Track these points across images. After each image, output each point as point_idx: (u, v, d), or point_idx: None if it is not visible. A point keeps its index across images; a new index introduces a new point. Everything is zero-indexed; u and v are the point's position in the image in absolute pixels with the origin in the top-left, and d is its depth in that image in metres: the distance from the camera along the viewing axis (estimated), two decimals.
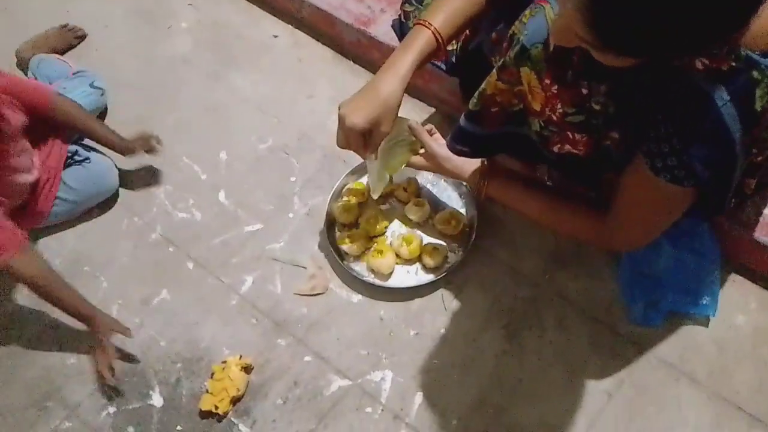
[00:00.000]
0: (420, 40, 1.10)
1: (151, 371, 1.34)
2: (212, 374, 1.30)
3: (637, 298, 1.29)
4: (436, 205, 1.47)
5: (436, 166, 1.29)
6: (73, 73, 1.63)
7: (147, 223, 1.52)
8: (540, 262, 1.40)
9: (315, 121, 1.64)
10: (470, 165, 1.26)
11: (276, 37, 1.80)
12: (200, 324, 1.38)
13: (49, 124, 1.44)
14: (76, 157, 1.50)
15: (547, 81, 0.98)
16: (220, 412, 1.26)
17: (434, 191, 1.49)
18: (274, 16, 1.84)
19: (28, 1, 1.96)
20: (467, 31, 1.25)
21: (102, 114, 1.68)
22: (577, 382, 1.27)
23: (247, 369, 1.30)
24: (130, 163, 1.58)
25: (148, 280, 1.44)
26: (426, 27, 1.10)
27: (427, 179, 1.51)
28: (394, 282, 1.39)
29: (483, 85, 1.07)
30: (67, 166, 1.49)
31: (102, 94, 1.62)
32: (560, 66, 0.97)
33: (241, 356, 1.31)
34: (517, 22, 1.02)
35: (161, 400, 1.31)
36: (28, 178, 1.38)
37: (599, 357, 1.29)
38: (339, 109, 1.12)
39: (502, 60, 1.02)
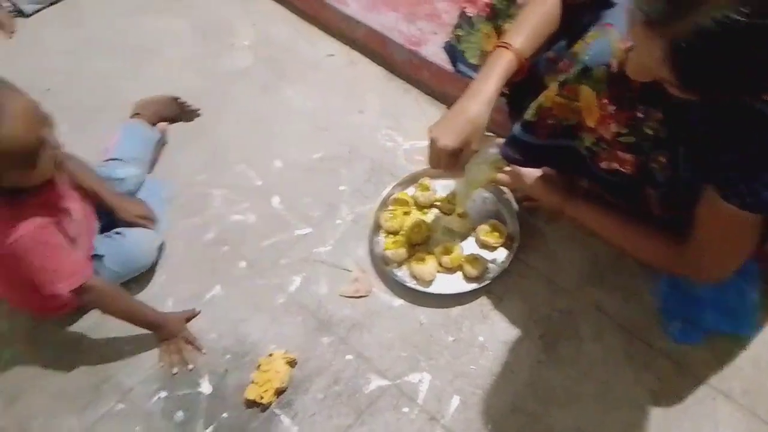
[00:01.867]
0: (503, 62, 1.15)
1: (201, 361, 1.41)
2: (258, 366, 1.36)
3: (675, 314, 1.31)
4: (479, 217, 1.52)
5: (518, 182, 1.34)
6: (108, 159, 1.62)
7: (203, 223, 1.61)
8: (579, 276, 1.43)
9: (365, 135, 1.72)
10: (551, 184, 1.30)
11: (331, 55, 1.91)
12: (249, 320, 1.46)
13: None
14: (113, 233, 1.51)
15: (605, 101, 1.03)
16: (264, 402, 1.32)
17: (477, 203, 1.55)
18: (330, 35, 1.95)
19: (101, 17, 2.12)
20: None
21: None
22: (611, 394, 1.29)
23: (291, 363, 1.36)
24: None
25: (202, 277, 1.53)
26: (508, 49, 1.15)
27: (473, 193, 1.56)
28: (435, 288, 1.44)
29: (540, 98, 1.12)
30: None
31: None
32: (620, 88, 1.02)
33: (286, 351, 1.37)
34: (581, 42, 1.07)
35: (210, 388, 1.38)
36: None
37: (635, 371, 1.31)
38: (429, 132, 1.18)
39: (564, 76, 1.07)
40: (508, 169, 1.35)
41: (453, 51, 1.50)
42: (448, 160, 1.18)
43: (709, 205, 1.00)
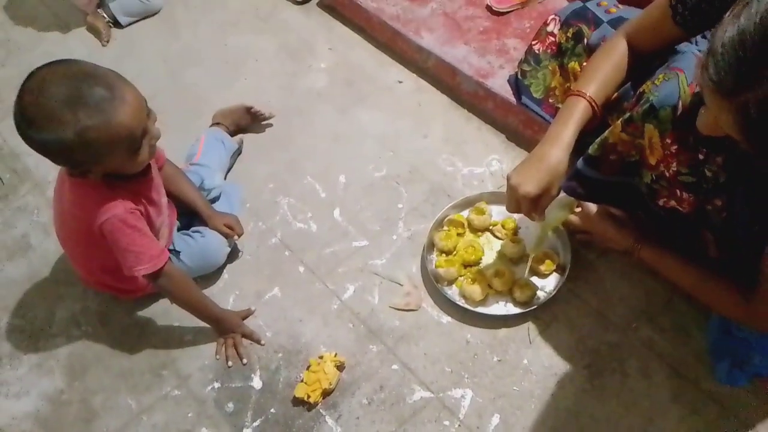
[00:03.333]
0: (578, 110, 1.19)
1: (255, 357, 1.48)
2: (308, 366, 1.42)
3: (724, 356, 1.31)
4: (532, 245, 1.56)
5: (590, 225, 1.38)
6: (194, 163, 1.72)
7: (269, 228, 1.70)
8: (628, 311, 1.45)
9: (426, 158, 1.79)
10: (624, 227, 1.33)
11: (401, 82, 2.00)
12: (303, 321, 1.53)
13: None
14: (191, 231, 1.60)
15: (669, 141, 1.06)
16: (311, 401, 1.38)
17: (532, 232, 1.58)
18: (401, 64, 2.04)
19: (193, 31, 2.29)
20: None
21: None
22: (653, 431, 1.29)
23: (340, 366, 1.42)
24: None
25: (263, 278, 1.61)
26: (582, 97, 1.19)
27: (527, 221, 1.60)
28: (484, 309, 1.48)
29: (605, 134, 1.16)
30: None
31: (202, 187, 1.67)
32: (684, 130, 1.05)
33: (336, 354, 1.43)
34: (649, 82, 1.12)
35: (261, 383, 1.45)
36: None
37: (679, 410, 1.31)
38: (509, 179, 1.22)
39: (629, 114, 1.11)
40: (579, 210, 1.39)
41: (518, 84, 1.56)
42: (529, 206, 1.22)
43: None
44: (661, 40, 1.16)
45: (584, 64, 1.30)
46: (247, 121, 1.92)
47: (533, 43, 1.50)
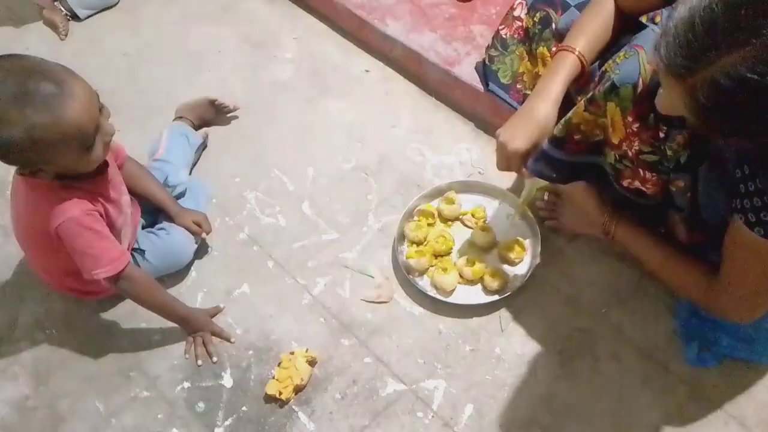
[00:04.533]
0: (566, 65, 1.18)
1: (225, 355, 1.46)
2: (280, 362, 1.40)
3: (693, 338, 1.33)
4: (502, 232, 1.56)
5: (574, 193, 1.38)
6: (157, 158, 1.67)
7: (237, 224, 1.67)
8: (598, 296, 1.45)
9: (395, 148, 1.77)
10: (601, 203, 1.33)
11: (367, 71, 1.97)
12: (274, 317, 1.50)
13: None
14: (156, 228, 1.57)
15: (630, 119, 1.06)
16: (283, 398, 1.36)
17: (501, 221, 1.58)
18: (368, 53, 2.02)
19: (154, 24, 2.23)
20: None
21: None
22: (626, 413, 1.30)
23: (311, 362, 1.40)
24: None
25: (232, 274, 1.58)
26: (570, 52, 1.18)
27: (496, 209, 1.60)
28: (455, 299, 1.47)
29: (569, 114, 1.16)
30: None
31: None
32: (645, 108, 1.05)
33: (307, 349, 1.41)
34: (610, 61, 1.11)
35: (231, 381, 1.42)
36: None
37: (650, 392, 1.32)
38: (498, 137, 1.20)
39: (591, 93, 1.11)
40: None
41: (485, 71, 1.54)
42: (519, 162, 1.21)
43: (734, 235, 1.01)
44: (644, 2, 1.15)
45: (553, 49, 1.29)
46: (211, 115, 1.88)
47: (500, 28, 1.49)
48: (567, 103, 1.22)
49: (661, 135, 1.05)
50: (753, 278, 1.04)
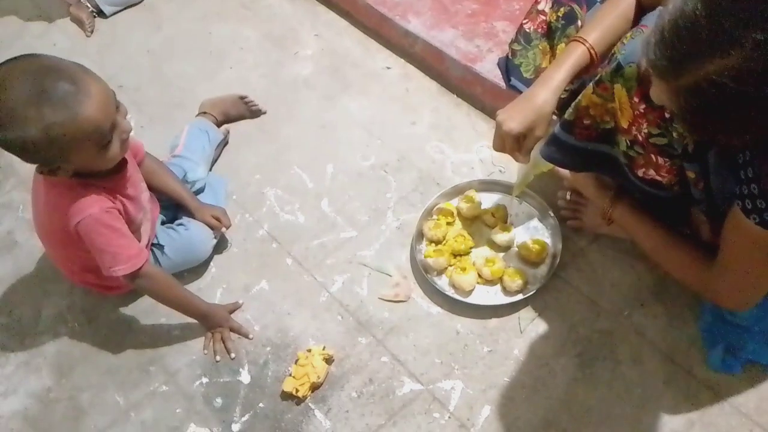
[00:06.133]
0: (574, 55, 1.19)
1: (243, 351, 1.47)
2: (297, 360, 1.41)
3: (717, 343, 1.29)
4: (522, 232, 1.54)
5: (574, 177, 1.38)
6: (176, 155, 1.69)
7: (256, 220, 1.68)
8: (620, 298, 1.43)
9: (415, 146, 1.76)
10: (603, 185, 1.33)
11: (388, 68, 1.96)
12: (292, 315, 1.51)
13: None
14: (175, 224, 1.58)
15: (636, 99, 1.05)
16: (299, 395, 1.36)
17: (522, 220, 1.56)
18: (389, 49, 2.00)
19: (177, 21, 2.25)
20: None
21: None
22: (646, 418, 1.28)
23: (328, 360, 1.40)
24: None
25: (251, 270, 1.59)
26: (581, 43, 1.19)
27: (517, 208, 1.58)
28: (474, 299, 1.46)
29: (579, 97, 1.16)
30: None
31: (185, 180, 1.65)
32: (649, 87, 1.04)
33: (324, 347, 1.41)
34: (618, 43, 1.10)
35: (249, 378, 1.43)
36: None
37: (672, 397, 1.29)
38: (497, 116, 1.23)
39: (599, 74, 1.10)
40: None
41: (507, 66, 1.53)
42: (512, 144, 1.22)
43: (732, 222, 1.00)
44: None
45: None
46: (237, 111, 1.88)
47: (524, 22, 1.47)
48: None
49: (667, 115, 1.04)
50: (748, 266, 1.03)
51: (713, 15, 0.75)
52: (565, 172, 1.40)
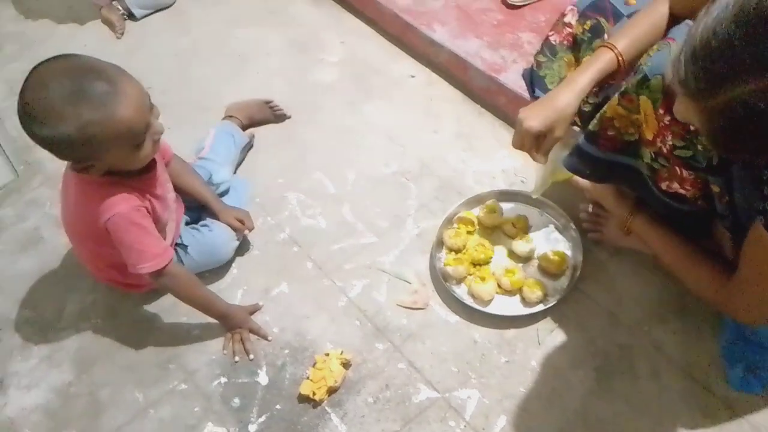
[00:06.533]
0: (601, 60, 1.20)
1: (261, 353, 1.48)
2: (314, 363, 1.41)
3: (738, 361, 1.28)
4: (543, 243, 1.54)
5: (593, 187, 1.39)
6: (202, 157, 1.71)
7: (278, 224, 1.70)
8: (640, 313, 1.42)
9: (436, 154, 1.77)
10: (622, 195, 1.34)
11: (413, 77, 1.98)
12: (310, 318, 1.52)
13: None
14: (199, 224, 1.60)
15: (661, 111, 1.05)
16: (316, 398, 1.37)
17: (542, 231, 1.56)
18: (413, 57, 2.02)
19: (205, 25, 2.28)
20: None
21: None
22: None
23: (345, 364, 1.41)
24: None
25: (271, 273, 1.60)
26: (610, 49, 1.20)
27: (538, 219, 1.58)
28: (493, 309, 1.46)
29: (604, 108, 1.16)
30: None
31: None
32: (675, 100, 1.04)
33: (342, 351, 1.42)
34: (645, 55, 1.10)
35: (267, 379, 1.44)
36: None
37: (690, 415, 1.28)
38: (519, 114, 1.24)
39: (624, 86, 1.10)
40: None
41: (532, 77, 1.53)
42: (531, 142, 1.23)
43: (753, 237, 1.00)
44: (695, 4, 1.14)
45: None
46: (263, 115, 1.91)
47: (550, 34, 1.47)
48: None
49: (692, 128, 1.04)
50: (767, 282, 1.02)
51: (750, 39, 0.74)
52: (584, 182, 1.40)
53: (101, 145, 1.20)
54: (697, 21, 0.80)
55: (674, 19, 1.19)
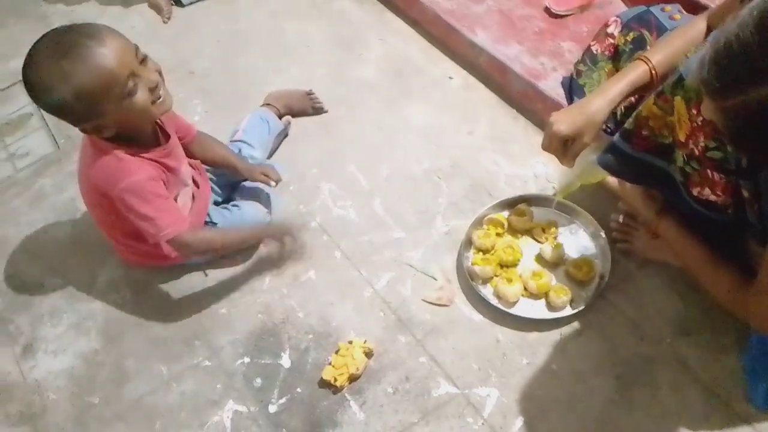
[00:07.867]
0: (635, 72, 1.22)
1: (285, 336, 1.50)
2: (337, 350, 1.43)
3: (760, 380, 1.27)
4: (572, 250, 1.54)
5: (622, 189, 1.41)
6: (235, 140, 1.77)
7: (310, 212, 1.72)
8: (664, 325, 1.42)
9: (469, 154, 1.78)
10: (651, 197, 1.36)
11: (451, 78, 2.00)
12: (335, 306, 1.54)
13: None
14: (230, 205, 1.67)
15: (695, 111, 1.06)
16: (337, 384, 1.39)
17: (572, 238, 1.57)
18: (452, 59, 2.04)
19: (252, 15, 2.33)
20: None
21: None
22: None
23: (368, 353, 1.43)
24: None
25: (301, 260, 1.63)
26: (644, 62, 1.22)
27: (568, 226, 1.59)
28: (517, 310, 1.47)
29: (640, 107, 1.18)
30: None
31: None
32: None
33: (365, 341, 1.44)
34: (683, 57, 1.12)
35: (289, 362, 1.46)
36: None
37: (709, 429, 1.27)
38: (550, 116, 1.26)
39: (662, 86, 1.11)
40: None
41: (571, 85, 1.54)
42: (558, 146, 1.25)
43: None
44: None
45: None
46: (302, 106, 1.94)
47: (592, 43, 1.48)
48: None
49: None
50: None
51: (766, 45, 0.77)
52: (614, 185, 1.42)
53: (93, 97, 1.23)
54: (725, 24, 0.82)
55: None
